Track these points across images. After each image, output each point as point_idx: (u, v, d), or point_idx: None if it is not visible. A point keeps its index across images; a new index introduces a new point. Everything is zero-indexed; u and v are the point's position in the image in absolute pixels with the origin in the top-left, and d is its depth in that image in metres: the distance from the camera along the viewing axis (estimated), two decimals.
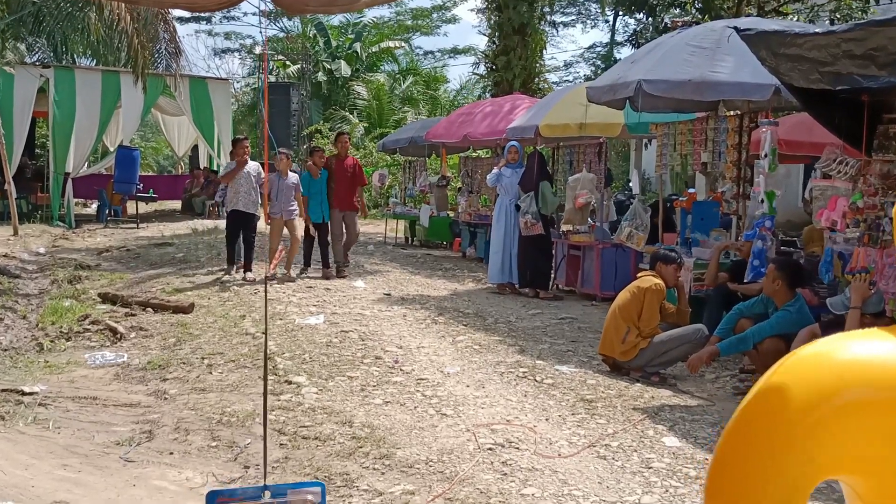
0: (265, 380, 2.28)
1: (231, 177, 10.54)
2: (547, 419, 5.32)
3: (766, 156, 6.97)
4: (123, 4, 13.16)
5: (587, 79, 38.75)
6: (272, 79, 33.90)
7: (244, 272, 10.59)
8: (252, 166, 10.64)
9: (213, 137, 22.68)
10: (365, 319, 8.53)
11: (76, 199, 20.68)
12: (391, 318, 8.76)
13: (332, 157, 11.40)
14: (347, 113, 33.80)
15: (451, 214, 17.14)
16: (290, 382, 6.01)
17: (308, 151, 12.26)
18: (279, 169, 10.62)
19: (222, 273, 10.86)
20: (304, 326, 8.02)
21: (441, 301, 10.02)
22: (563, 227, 12.59)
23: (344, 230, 11.44)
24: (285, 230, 10.77)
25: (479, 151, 22.28)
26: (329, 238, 11.27)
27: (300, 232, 11.01)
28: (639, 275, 6.82)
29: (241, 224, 10.63)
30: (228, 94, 23.71)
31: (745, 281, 7.12)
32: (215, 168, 24.99)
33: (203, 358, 6.85)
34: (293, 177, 10.74)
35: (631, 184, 17.71)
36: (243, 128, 42.23)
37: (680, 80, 7.84)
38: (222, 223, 20.35)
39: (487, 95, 25.66)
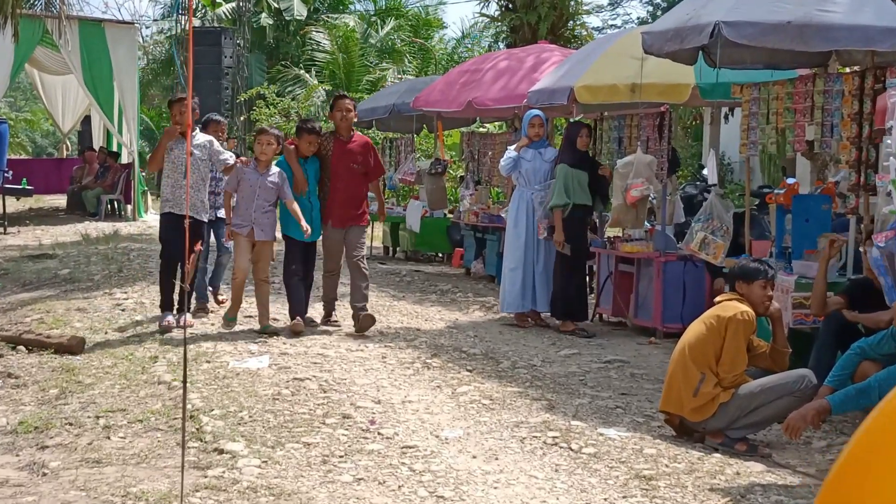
0: (183, 447, 2.26)
1: (157, 157, 9.69)
2: None
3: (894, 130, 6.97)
4: None
5: (642, 22, 38.86)
6: (196, 22, 33.98)
7: (185, 312, 9.44)
8: (201, 139, 9.75)
9: (113, 105, 22.76)
10: (327, 362, 8.50)
11: None
12: (365, 360, 8.73)
13: (326, 138, 10.11)
14: (302, 70, 33.93)
15: (450, 215, 17.16)
16: (221, 451, 5.97)
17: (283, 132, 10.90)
18: (257, 157, 9.69)
19: (156, 324, 9.72)
20: (242, 372, 7.99)
21: (436, 337, 10.02)
22: (610, 232, 12.60)
23: (343, 257, 10.25)
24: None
25: (489, 125, 22.36)
26: (306, 270, 10.08)
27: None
28: (717, 299, 6.82)
29: (180, 238, 8.69)
30: (135, 45, 23.80)
31: (868, 309, 7.11)
32: (115, 149, 25.14)
33: (98, 416, 6.81)
34: (276, 172, 9.67)
35: (705, 171, 17.72)
36: (154, 91, 42.42)
37: (775, 21, 7.86)
38: (127, 227, 20.37)
39: (501, 46, 25.76)
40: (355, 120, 10.13)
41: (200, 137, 9.81)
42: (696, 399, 6.43)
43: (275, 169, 9.68)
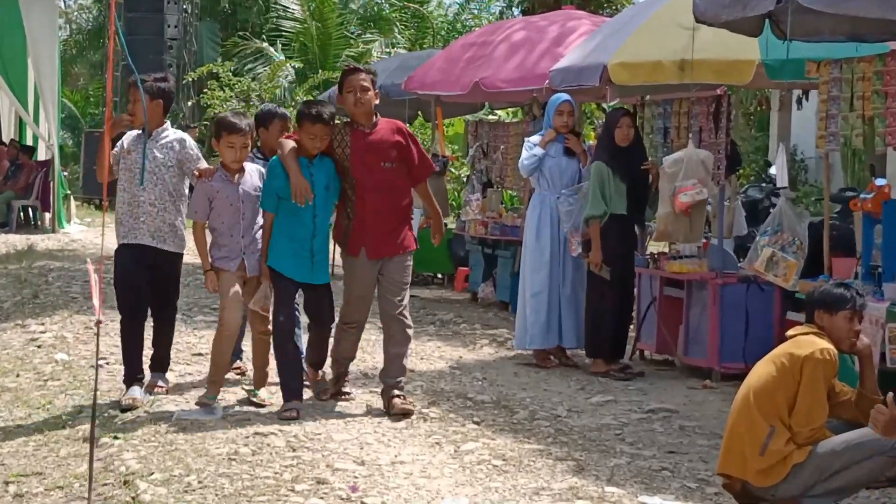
0: None
1: (102, 161, 8.19)
2: None
3: None
4: None
5: None
6: None
7: (150, 383, 8.88)
8: (171, 137, 8.78)
9: (27, 87, 22.79)
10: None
11: None
12: (345, 409, 8.73)
13: (340, 132, 8.66)
14: (265, 43, 34.00)
15: (453, 225, 17.15)
16: None
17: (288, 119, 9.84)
18: (226, 164, 8.57)
19: (120, 397, 8.72)
20: (190, 425, 7.98)
21: (434, 380, 10.04)
22: (652, 247, 12.58)
23: (373, 298, 8.81)
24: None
25: (500, 112, 22.39)
26: (328, 318, 8.90)
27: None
28: (789, 333, 6.80)
29: (140, 277, 8.72)
30: (55, 11, 23.90)
31: None
32: (30, 143, 25.14)
33: (7, 482, 6.81)
34: (253, 172, 8.71)
35: (772, 170, 17.74)
36: (79, 69, 42.51)
37: None
38: (45, 240, 20.35)
39: (516, 12, 25.80)
40: (376, 102, 8.65)
41: (170, 135, 8.78)
42: (764, 459, 6.40)
43: (250, 168, 8.70)
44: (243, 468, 7.03)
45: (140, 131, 8.61)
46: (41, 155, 24.16)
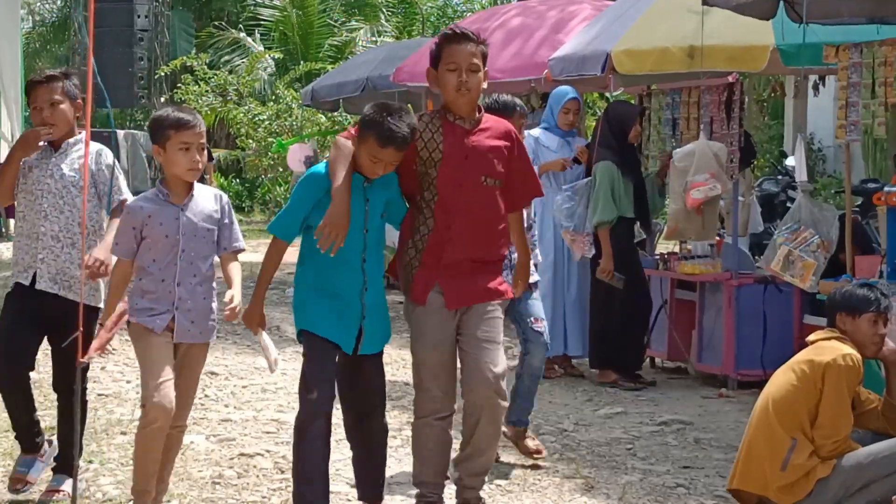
0: None
1: (5, 183, 6.95)
2: None
3: None
4: None
5: None
6: None
7: (50, 487, 6.99)
8: (102, 155, 6.99)
9: None
10: (285, 431, 8.42)
11: None
12: (335, 427, 8.56)
13: (430, 121, 6.39)
14: (243, 34, 34.00)
15: None
16: None
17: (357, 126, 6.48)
18: (175, 174, 6.38)
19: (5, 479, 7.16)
20: None
21: None
22: (662, 247, 12.58)
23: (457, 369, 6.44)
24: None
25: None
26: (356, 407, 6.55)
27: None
28: (810, 338, 6.82)
29: (33, 334, 6.93)
30: (16, 4, 23.82)
31: None
32: None
33: None
34: (209, 198, 6.54)
35: (789, 161, 17.76)
36: (44, 63, 42.48)
37: None
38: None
39: None
40: (485, 85, 6.44)
41: (82, 147, 6.89)
42: (786, 474, 6.41)
43: (203, 191, 6.57)
44: (229, 492, 7.04)
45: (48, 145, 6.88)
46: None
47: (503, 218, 6.39)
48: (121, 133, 31.10)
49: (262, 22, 34.29)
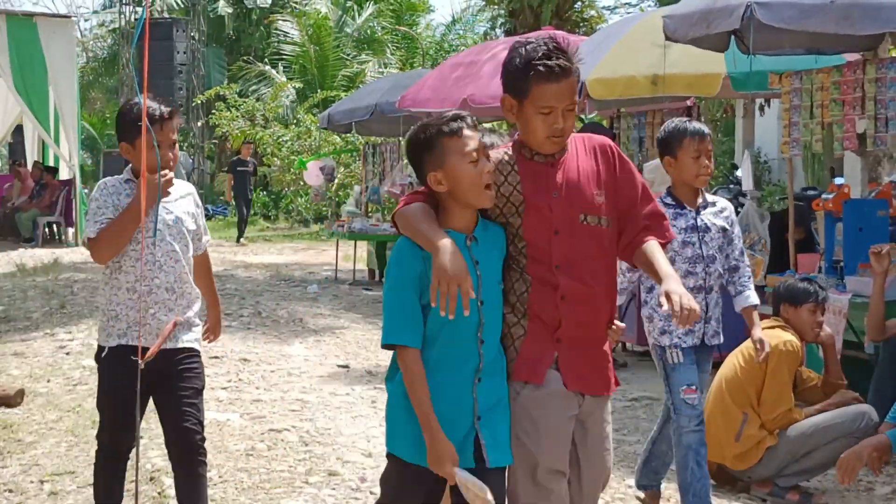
0: None
1: (124, 234, 5.23)
2: None
3: None
4: None
5: (661, 2, 38.78)
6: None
7: None
8: (182, 191, 5.55)
9: (48, 111, 22.78)
10: (308, 409, 8.51)
11: None
12: (352, 405, 8.73)
13: (504, 161, 4.32)
14: (268, 66, 34.03)
15: None
16: None
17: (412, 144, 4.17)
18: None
19: None
20: (210, 424, 7.95)
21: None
22: None
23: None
24: None
25: (487, 125, 22.40)
26: None
27: None
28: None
29: (144, 394, 5.20)
30: (72, 40, 23.87)
31: None
32: (52, 163, 25.13)
33: (42, 481, 6.81)
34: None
35: (739, 173, 17.79)
36: (96, 94, 42.46)
37: (816, 0, 7.91)
38: (69, 254, 20.34)
39: (500, 33, 25.82)
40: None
41: (181, 187, 5.55)
42: (740, 444, 6.45)
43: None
44: (260, 462, 7.06)
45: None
46: (63, 174, 24.17)
47: (614, 264, 4.39)
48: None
49: (284, 56, 34.32)
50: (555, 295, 4.13)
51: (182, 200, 5.44)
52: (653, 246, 4.26)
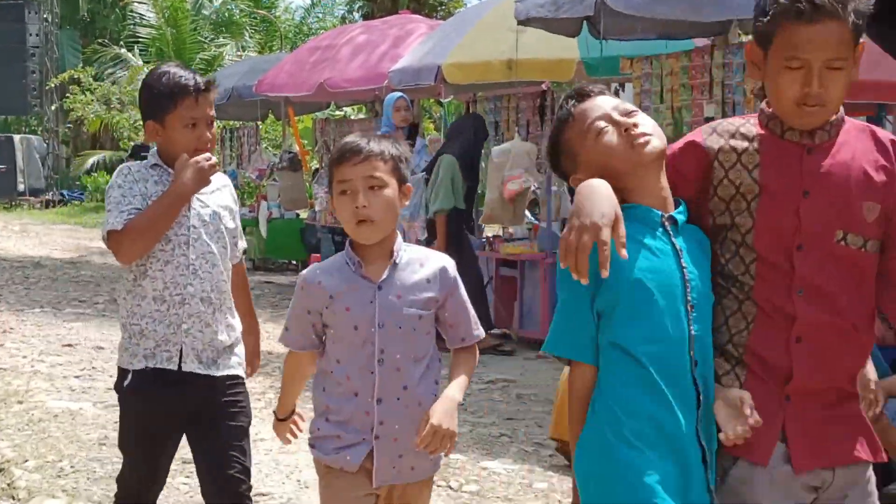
0: None
1: (159, 228, 4.21)
2: None
3: None
4: None
5: None
6: None
7: None
8: (218, 183, 4.45)
9: None
10: None
11: None
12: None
13: (736, 130, 3.00)
14: (123, 49, 33.43)
15: (305, 216, 17.09)
16: None
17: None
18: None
19: None
20: (62, 413, 7.83)
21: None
22: (489, 231, 12.68)
23: None
24: None
25: (346, 109, 22.32)
26: None
27: None
28: None
29: (177, 428, 4.44)
30: None
31: None
32: None
33: None
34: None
35: None
36: None
37: None
38: None
39: (358, 17, 25.78)
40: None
41: (216, 178, 4.41)
42: None
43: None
44: (114, 451, 6.91)
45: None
46: None
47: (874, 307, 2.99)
48: (16, 137, 30.53)
49: (140, 39, 33.80)
50: (788, 333, 2.87)
51: (218, 193, 4.41)
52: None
